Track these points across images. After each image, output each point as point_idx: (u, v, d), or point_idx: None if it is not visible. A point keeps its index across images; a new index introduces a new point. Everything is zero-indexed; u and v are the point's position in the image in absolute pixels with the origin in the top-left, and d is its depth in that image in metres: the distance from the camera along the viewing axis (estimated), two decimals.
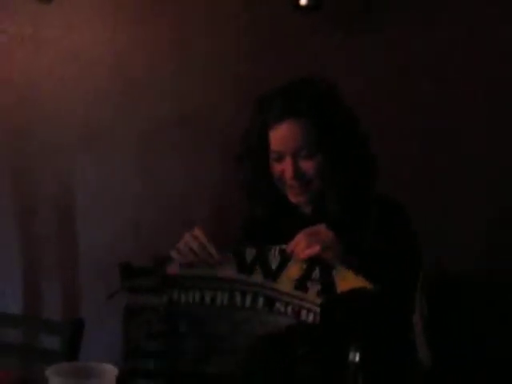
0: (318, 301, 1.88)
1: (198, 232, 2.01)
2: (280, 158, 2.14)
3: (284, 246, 1.93)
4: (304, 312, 1.90)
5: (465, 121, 3.65)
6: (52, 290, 4.00)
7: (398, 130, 3.65)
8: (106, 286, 3.68)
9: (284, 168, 2.13)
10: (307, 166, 2.11)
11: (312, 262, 1.90)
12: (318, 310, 1.87)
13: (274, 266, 1.95)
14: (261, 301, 1.97)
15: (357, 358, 1.58)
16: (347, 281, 1.86)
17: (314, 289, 1.90)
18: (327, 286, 1.88)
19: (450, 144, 3.66)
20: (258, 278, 1.96)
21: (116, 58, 3.90)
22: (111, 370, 1.52)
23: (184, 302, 2.04)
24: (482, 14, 3.60)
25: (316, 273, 1.90)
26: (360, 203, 2.13)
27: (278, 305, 1.95)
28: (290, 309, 1.93)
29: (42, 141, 3.96)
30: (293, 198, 2.17)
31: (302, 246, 1.91)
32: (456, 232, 3.63)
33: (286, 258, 1.93)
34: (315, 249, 1.89)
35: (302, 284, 1.91)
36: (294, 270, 1.93)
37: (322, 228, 1.95)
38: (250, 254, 1.97)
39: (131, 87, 3.90)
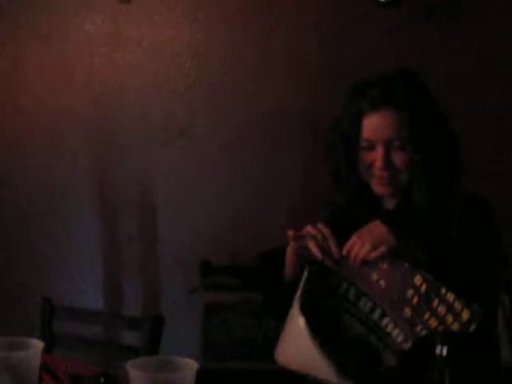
0: None
1: (321, 226, 1.99)
2: (371, 148, 2.09)
3: None
4: None
5: None
6: (132, 287, 4.03)
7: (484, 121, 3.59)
8: (185, 284, 3.74)
9: (374, 158, 2.08)
10: (398, 157, 2.06)
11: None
12: None
13: None
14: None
15: (444, 353, 1.52)
16: None
17: None
18: None
19: None
20: None
21: (196, 55, 3.91)
22: (192, 365, 1.51)
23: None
24: None
25: None
26: (446, 200, 2.08)
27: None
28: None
29: (124, 140, 4.00)
30: (377, 188, 2.12)
31: (356, 249, 1.90)
32: None
33: None
34: (365, 250, 1.88)
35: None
36: None
37: (375, 224, 1.93)
38: None
39: (211, 83, 3.91)
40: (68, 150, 4.06)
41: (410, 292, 1.86)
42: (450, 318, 1.79)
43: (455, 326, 1.78)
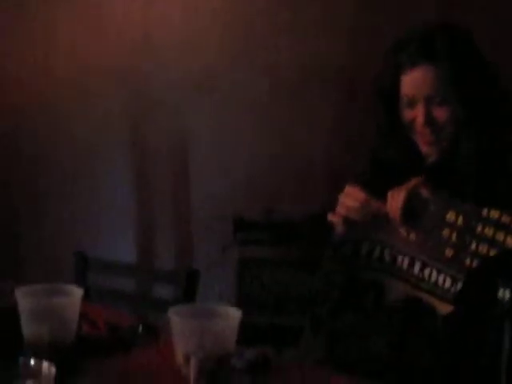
0: None
1: (351, 190, 1.97)
2: (412, 104, 2.05)
3: None
4: None
5: None
6: (165, 242, 4.03)
7: None
8: (218, 239, 3.73)
9: (415, 114, 2.04)
10: (440, 112, 2.02)
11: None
12: None
13: None
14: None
15: (507, 296, 1.48)
16: None
17: None
18: None
19: None
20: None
21: (230, 7, 3.85)
22: (235, 313, 1.48)
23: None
24: None
25: None
26: (494, 155, 2.03)
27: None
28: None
29: (156, 96, 3.98)
30: (423, 148, 2.09)
31: (392, 202, 1.89)
32: None
33: None
34: (399, 201, 1.87)
35: None
36: None
37: (411, 181, 1.91)
38: None
39: (246, 35, 3.85)
40: (100, 107, 4.07)
41: (446, 232, 1.83)
42: (500, 235, 1.75)
43: (509, 241, 1.74)
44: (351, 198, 1.96)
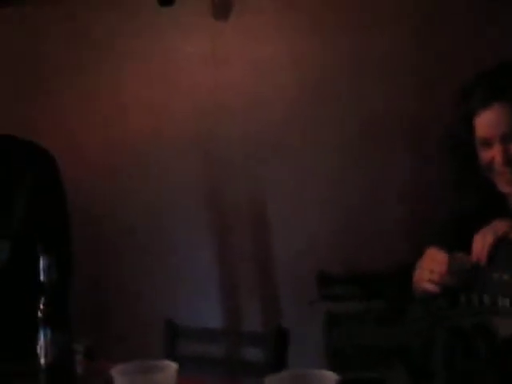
0: None
1: (432, 253, 1.96)
2: (488, 145, 2.05)
3: None
4: None
5: None
6: (250, 302, 4.03)
7: None
8: (303, 297, 3.71)
9: (493, 155, 2.03)
10: None
11: None
12: None
13: None
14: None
15: None
16: None
17: None
18: None
19: None
20: None
21: (295, 67, 3.88)
22: (332, 377, 1.47)
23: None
24: None
25: None
26: None
27: None
28: None
29: (229, 157, 4.02)
30: (503, 188, 2.07)
31: (479, 246, 1.88)
32: None
33: None
34: (487, 243, 1.86)
35: None
36: None
37: (496, 221, 1.91)
38: None
39: (313, 95, 3.88)
40: (175, 169, 4.10)
41: None
42: None
43: None
44: (436, 263, 1.93)
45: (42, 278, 1.95)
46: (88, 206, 4.11)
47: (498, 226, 1.89)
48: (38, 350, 1.96)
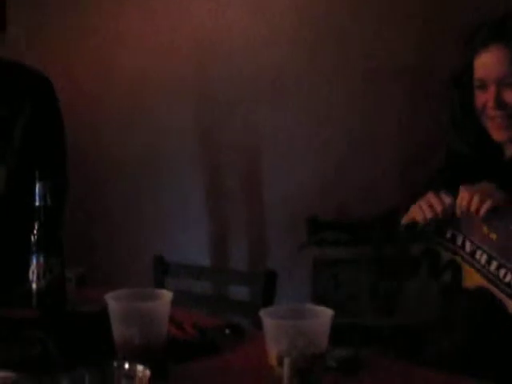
0: None
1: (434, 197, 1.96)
2: (484, 87, 2.03)
3: None
4: None
5: None
6: (238, 245, 4.04)
7: None
8: (292, 240, 3.73)
9: (487, 98, 2.02)
10: (511, 95, 1.99)
11: None
12: None
13: None
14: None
15: None
16: None
17: None
18: None
19: None
20: None
21: (296, 10, 3.86)
22: (327, 312, 1.47)
23: None
24: None
25: None
26: None
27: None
28: None
29: (227, 99, 4.00)
30: (495, 134, 2.05)
31: (464, 203, 1.87)
32: None
33: None
34: (474, 204, 1.85)
35: None
36: None
37: (483, 183, 1.89)
38: None
39: (314, 41, 3.85)
40: (171, 110, 4.09)
41: None
42: None
43: None
44: (439, 202, 1.93)
45: (36, 203, 1.95)
46: (79, 139, 4.09)
47: (484, 189, 1.88)
48: (30, 275, 1.96)
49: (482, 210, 1.84)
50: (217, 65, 4.00)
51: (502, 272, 1.87)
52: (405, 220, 2.00)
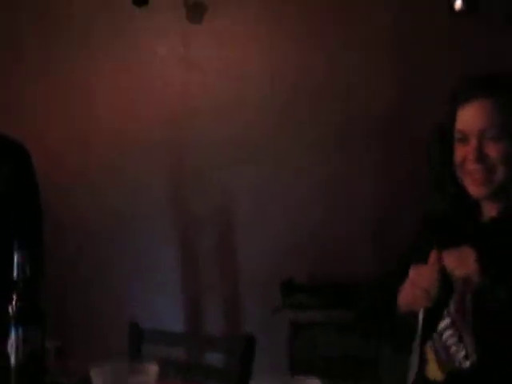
0: None
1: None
2: (465, 140, 2.01)
3: None
4: None
5: None
6: (213, 306, 4.02)
7: None
8: (267, 302, 3.71)
9: (467, 150, 2.01)
10: (492, 149, 1.96)
11: None
12: None
13: None
14: None
15: None
16: None
17: None
18: None
19: None
20: None
21: (268, 72, 3.90)
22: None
23: None
24: None
25: None
26: None
27: None
28: None
29: (198, 160, 4.00)
30: (473, 190, 2.02)
31: (455, 263, 1.85)
32: None
33: None
34: (470, 268, 1.82)
35: None
36: None
37: (465, 249, 1.85)
38: None
39: (285, 101, 3.89)
40: (145, 174, 4.09)
41: None
42: None
43: None
44: (423, 278, 1.91)
45: (14, 274, 1.93)
46: (53, 204, 4.07)
47: (463, 259, 1.85)
48: (9, 348, 1.92)
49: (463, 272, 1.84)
50: (188, 127, 4.01)
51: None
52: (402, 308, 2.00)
